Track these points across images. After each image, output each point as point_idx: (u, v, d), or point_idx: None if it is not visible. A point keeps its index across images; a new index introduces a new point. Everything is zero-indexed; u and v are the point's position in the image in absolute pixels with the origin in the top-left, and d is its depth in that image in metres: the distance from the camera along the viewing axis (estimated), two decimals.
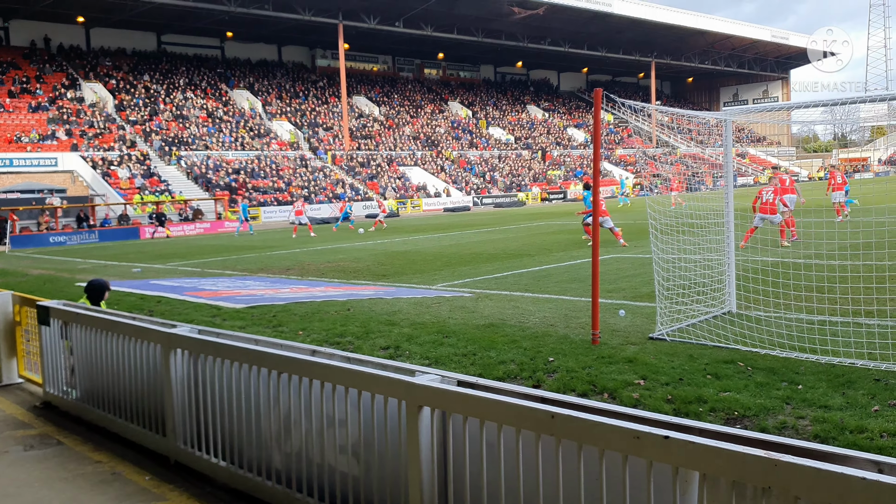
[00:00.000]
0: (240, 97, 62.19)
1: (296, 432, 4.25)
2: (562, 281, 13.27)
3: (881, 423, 5.22)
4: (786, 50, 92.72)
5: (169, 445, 5.27)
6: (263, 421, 4.48)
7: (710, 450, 2.54)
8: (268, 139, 57.46)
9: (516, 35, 70.30)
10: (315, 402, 4.11)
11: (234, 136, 55.73)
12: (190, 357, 5.07)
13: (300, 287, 14.30)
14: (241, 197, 45.91)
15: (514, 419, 3.10)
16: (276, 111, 62.45)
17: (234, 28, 62.21)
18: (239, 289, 14.38)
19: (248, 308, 11.63)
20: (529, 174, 67.69)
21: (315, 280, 15.59)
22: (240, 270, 18.32)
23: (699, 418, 5.56)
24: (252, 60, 69.29)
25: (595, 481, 2.87)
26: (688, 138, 18.28)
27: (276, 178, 52.21)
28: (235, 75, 65.51)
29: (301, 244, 26.45)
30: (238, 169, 51.35)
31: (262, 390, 4.46)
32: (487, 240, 24.26)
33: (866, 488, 2.23)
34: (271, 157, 54.84)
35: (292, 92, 66.90)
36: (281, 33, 65.41)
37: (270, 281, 15.76)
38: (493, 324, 9.47)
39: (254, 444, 4.55)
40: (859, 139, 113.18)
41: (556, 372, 7.05)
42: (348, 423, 3.92)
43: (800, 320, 8.34)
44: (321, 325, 9.94)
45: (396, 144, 64.76)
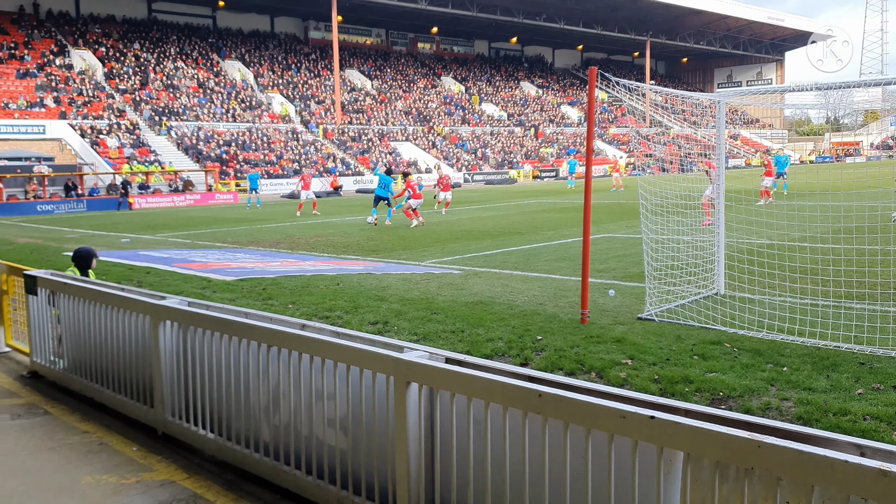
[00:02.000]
0: (231, 68, 61.59)
1: (284, 405, 4.26)
2: (552, 259, 13.30)
3: (864, 405, 5.28)
4: (781, 32, 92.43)
5: (157, 417, 5.28)
6: (252, 393, 4.49)
7: (694, 430, 2.56)
8: (259, 111, 57.01)
9: (511, 10, 69.76)
10: (304, 376, 4.12)
11: (225, 108, 55.26)
12: (179, 329, 5.06)
13: (290, 261, 14.27)
14: (250, 168, 45.61)
15: (501, 397, 3.12)
16: (268, 83, 61.91)
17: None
18: (229, 261, 14.34)
19: (238, 280, 11.60)
20: (521, 151, 67.52)
21: (305, 254, 15.56)
22: (230, 243, 18.26)
23: (685, 398, 5.61)
24: (244, 31, 68.54)
25: (581, 459, 2.89)
26: (681, 119, 18.33)
27: (267, 150, 51.89)
28: (227, 46, 64.81)
29: (292, 218, 26.35)
30: (229, 141, 50.98)
31: (251, 363, 4.47)
32: (478, 217, 24.24)
33: (848, 471, 2.25)
34: (263, 129, 54.45)
35: (285, 64, 66.28)
36: (274, 4, 64.68)
37: (261, 254, 15.73)
38: (482, 301, 9.49)
39: (242, 417, 4.57)
40: (852, 123, 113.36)
41: (544, 350, 7.08)
42: (336, 397, 3.93)
43: (787, 303, 8.39)
44: (310, 299, 9.93)
45: (388, 119, 64.40)
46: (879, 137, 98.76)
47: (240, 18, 67.97)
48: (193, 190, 43.13)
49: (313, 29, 72.86)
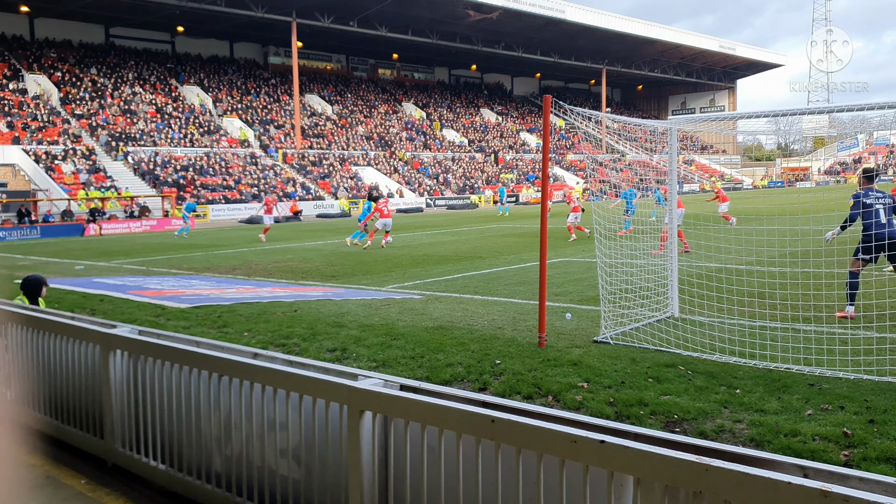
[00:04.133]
0: (190, 93, 61.14)
1: (236, 435, 4.20)
2: (511, 284, 13.37)
3: (813, 426, 5.39)
4: (733, 60, 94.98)
5: (106, 448, 5.16)
6: (204, 423, 4.42)
7: (644, 455, 2.59)
8: (218, 136, 56.59)
9: (471, 38, 70.60)
10: (256, 406, 4.07)
11: (183, 133, 54.74)
12: (129, 358, 4.97)
13: (247, 287, 14.12)
14: (188, 195, 45.11)
15: (455, 424, 3.12)
16: (226, 108, 61.55)
17: (185, 23, 61.11)
18: (184, 288, 14.14)
19: (193, 308, 11.44)
20: (482, 177, 67.99)
21: (262, 280, 15.42)
22: (186, 269, 18.01)
23: (640, 421, 5.66)
24: (203, 56, 68.19)
25: (533, 485, 2.90)
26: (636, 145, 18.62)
27: (225, 175, 51.46)
28: (186, 71, 64.38)
29: (249, 244, 26.11)
30: (186, 166, 50.46)
31: (202, 393, 4.40)
32: (439, 242, 24.29)
33: (791, 492, 2.30)
34: (221, 154, 54.03)
35: (244, 89, 66.03)
36: (233, 29, 64.51)
37: (216, 280, 15.54)
38: (442, 326, 9.50)
39: (193, 447, 4.49)
40: (802, 149, 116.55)
41: (502, 374, 7.10)
42: (289, 427, 3.89)
43: (739, 325, 8.55)
44: (267, 326, 9.83)
45: (349, 144, 64.42)
46: (827, 163, 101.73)
47: (199, 44, 67.64)
48: (150, 216, 42.51)
49: (273, 54, 72.81)
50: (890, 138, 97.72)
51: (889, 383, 6.39)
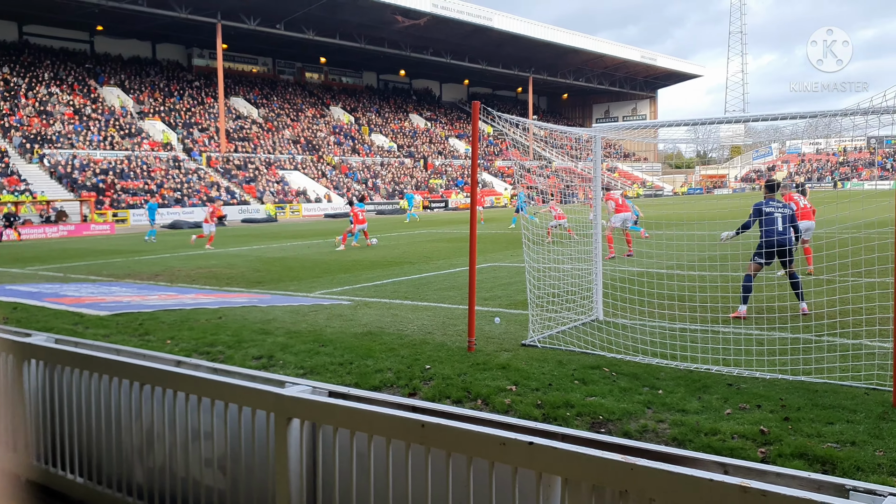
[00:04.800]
0: (110, 94, 59.24)
1: (159, 446, 4.08)
2: (441, 289, 13.41)
3: (732, 425, 5.57)
4: (654, 70, 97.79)
5: (20, 462, 4.93)
6: (125, 435, 4.27)
7: (571, 455, 2.63)
8: (139, 139, 54.96)
9: (399, 44, 70.64)
10: (180, 415, 3.96)
11: (102, 135, 52.98)
12: (45, 368, 4.77)
13: (169, 294, 13.75)
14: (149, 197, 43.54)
15: (384, 429, 3.11)
16: (148, 110, 59.87)
17: (104, 22, 59.20)
18: (104, 295, 13.66)
19: (113, 315, 11.06)
20: (412, 182, 68.03)
21: (185, 287, 15.04)
22: (105, 276, 17.41)
23: (567, 422, 5.76)
24: (124, 57, 66.21)
25: (463, 488, 2.91)
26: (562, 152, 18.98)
27: (147, 179, 50.02)
28: (106, 71, 62.38)
29: (172, 249, 25.43)
30: (106, 169, 48.84)
31: (123, 403, 4.26)
32: (368, 247, 24.16)
33: (712, 489, 2.37)
34: (142, 157, 52.50)
35: (167, 91, 64.35)
36: (156, 30, 62.86)
37: (138, 287, 15.08)
38: (371, 332, 9.44)
39: (114, 460, 4.34)
40: (719, 157, 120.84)
41: (432, 379, 7.11)
42: (214, 436, 3.81)
43: (661, 327, 8.80)
44: (191, 333, 9.59)
45: (276, 148, 63.52)
46: (743, 170, 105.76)
47: (119, 44, 65.65)
48: (67, 220, 40.94)
49: (197, 56, 71.26)
50: (801, 147, 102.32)
51: (802, 382, 6.67)
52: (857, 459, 4.84)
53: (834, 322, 8.50)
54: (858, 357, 7.23)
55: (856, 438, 5.21)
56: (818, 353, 7.45)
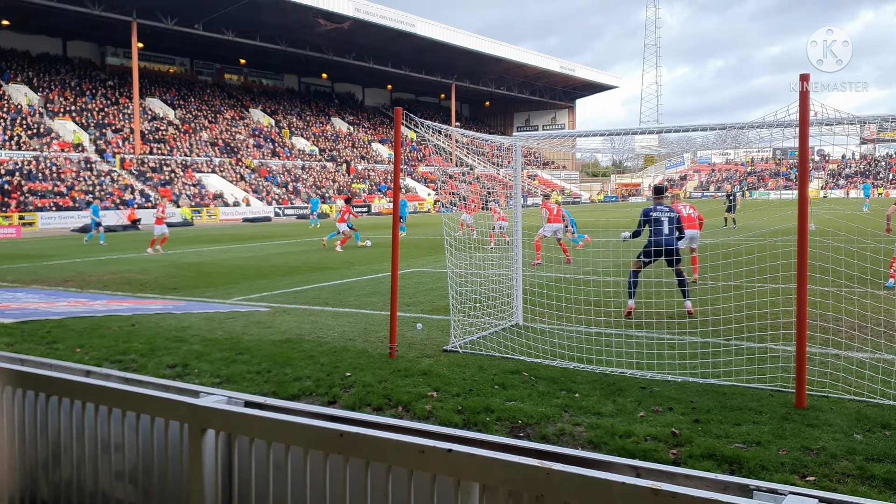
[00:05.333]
0: (16, 92, 56.58)
1: (66, 459, 3.91)
2: (362, 294, 13.33)
3: (646, 427, 5.74)
4: (573, 81, 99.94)
5: None
6: (28, 448, 4.08)
7: (489, 461, 2.65)
8: (48, 139, 52.67)
9: (321, 47, 70.03)
10: (89, 427, 3.81)
11: (8, 135, 50.54)
12: None
13: (79, 300, 13.22)
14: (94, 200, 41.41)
15: (302, 439, 3.06)
16: (58, 109, 57.45)
17: (10, 16, 56.54)
18: (8, 302, 13.03)
19: (18, 323, 10.56)
20: (334, 186, 67.45)
21: (96, 293, 14.49)
22: (10, 282, 16.61)
23: (487, 428, 5.81)
24: (32, 53, 63.39)
25: (382, 497, 2.90)
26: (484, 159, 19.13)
27: (56, 181, 47.98)
28: (12, 68, 59.56)
29: (83, 254, 24.46)
30: (12, 170, 46.62)
31: (28, 415, 4.06)
32: (288, 252, 23.83)
33: (625, 492, 2.43)
34: (52, 158, 50.33)
35: (78, 90, 61.90)
36: (67, 26, 60.41)
37: (45, 293, 14.44)
38: (291, 339, 9.31)
39: (17, 475, 4.14)
40: (634, 166, 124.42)
41: (352, 387, 7.06)
42: (126, 448, 3.68)
43: (578, 332, 8.99)
44: (102, 341, 9.24)
45: (193, 150, 61.93)
46: (657, 179, 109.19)
47: (27, 40, 62.82)
48: None
49: (111, 55, 68.88)
50: (712, 157, 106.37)
51: (712, 385, 6.92)
52: (762, 459, 5.05)
53: (741, 326, 8.86)
54: (764, 360, 7.56)
55: (761, 439, 5.44)
56: (727, 356, 7.75)
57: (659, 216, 10.34)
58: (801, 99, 6.46)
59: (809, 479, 4.73)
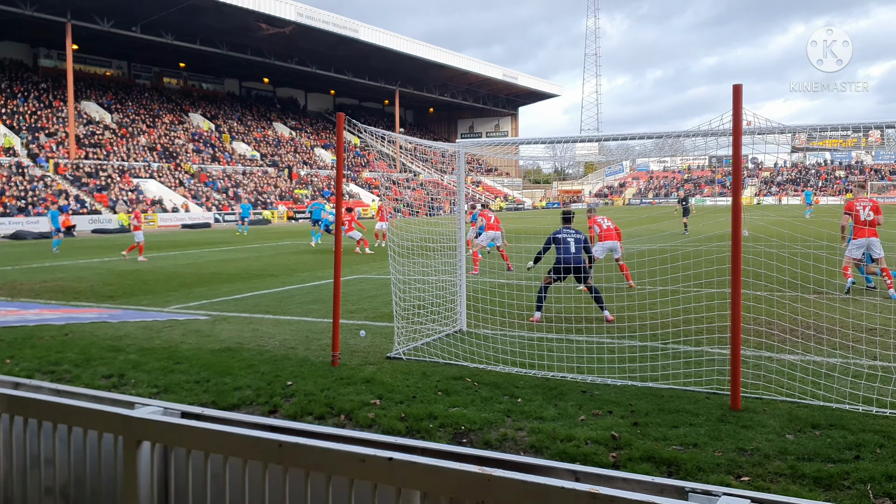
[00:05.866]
0: None
1: None
2: (305, 302, 13.19)
3: (586, 431, 5.81)
4: (515, 89, 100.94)
5: None
6: None
7: (430, 469, 2.65)
8: None
9: (263, 51, 69.22)
10: (18, 441, 3.68)
11: None
12: None
13: (9, 309, 12.76)
14: (52, 205, 39.61)
15: (240, 450, 3.02)
16: None
17: None
18: None
19: None
20: (276, 192, 66.64)
21: (28, 302, 14.00)
22: None
23: (430, 434, 5.81)
24: None
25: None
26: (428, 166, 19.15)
27: None
28: None
29: (14, 261, 23.62)
30: None
31: None
32: (229, 259, 23.44)
33: (564, 496, 2.46)
34: None
35: (9, 92, 59.80)
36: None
37: None
38: (230, 348, 9.16)
39: None
40: (576, 173, 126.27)
41: (293, 396, 6.97)
42: (56, 463, 3.56)
43: (521, 337, 9.06)
44: (33, 352, 8.94)
45: (130, 155, 60.44)
46: (597, 186, 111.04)
47: None
48: None
49: (44, 56, 66.77)
50: (650, 165, 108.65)
51: (650, 388, 7.06)
52: (699, 460, 5.17)
53: (678, 330, 9.06)
54: (700, 363, 7.74)
55: (698, 440, 5.56)
56: (664, 360, 7.91)
57: (566, 237, 10.81)
58: (734, 108, 6.66)
59: (744, 479, 4.86)
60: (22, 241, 36.95)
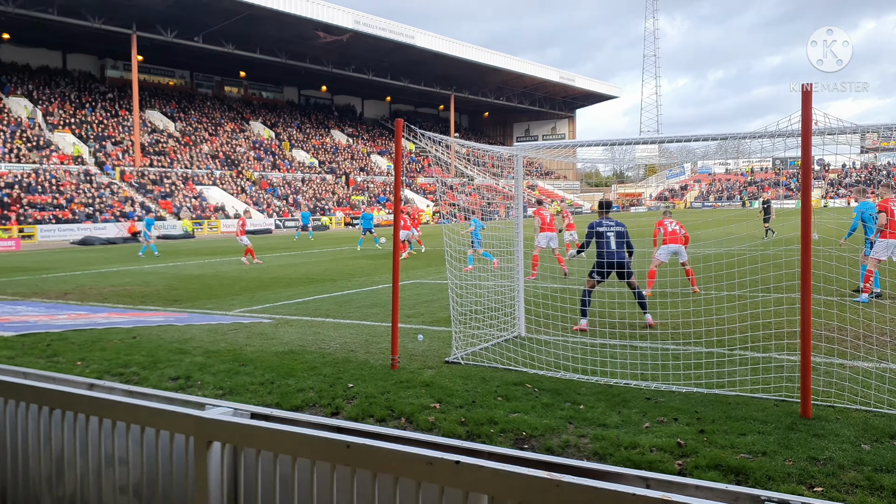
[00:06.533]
0: (16, 105, 56.69)
1: (70, 473, 3.89)
2: (363, 306, 13.31)
3: (651, 438, 5.71)
4: (572, 91, 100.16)
5: None
6: (32, 462, 4.05)
7: (497, 473, 2.63)
8: (48, 151, 52.75)
9: (321, 59, 70.24)
10: (92, 441, 3.79)
11: (8, 147, 50.61)
12: None
13: (79, 313, 13.20)
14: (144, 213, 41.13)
15: (309, 451, 3.04)
16: (58, 122, 57.57)
17: (11, 30, 56.73)
18: (8, 315, 13.01)
19: (19, 336, 10.54)
20: (333, 198, 67.50)
21: (97, 305, 14.47)
22: (10, 295, 16.59)
23: (491, 439, 5.78)
24: (32, 66, 63.56)
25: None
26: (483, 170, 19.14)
27: (56, 194, 48.01)
28: (12, 81, 59.69)
29: (84, 266, 24.44)
30: (12, 183, 46.66)
31: (31, 428, 4.04)
32: (289, 264, 23.82)
33: (636, 503, 2.41)
34: (51, 171, 50.39)
35: (78, 102, 62.04)
36: (67, 39, 60.62)
37: (45, 306, 14.41)
38: (293, 350, 9.29)
39: (20, 488, 4.11)
40: (635, 176, 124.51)
41: (355, 398, 7.03)
42: (130, 462, 3.65)
43: (582, 343, 8.95)
44: (103, 354, 9.22)
45: (193, 162, 62.02)
46: (658, 189, 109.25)
47: (27, 53, 63.02)
48: None
49: (111, 67, 69.07)
50: (712, 168, 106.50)
51: (716, 395, 6.89)
52: (769, 469, 5.02)
53: (745, 336, 8.83)
54: (768, 370, 7.53)
55: (767, 449, 5.41)
56: (731, 366, 7.72)
57: (604, 231, 10.37)
58: (803, 108, 6.47)
59: (817, 489, 4.70)
60: (90, 247, 38.20)
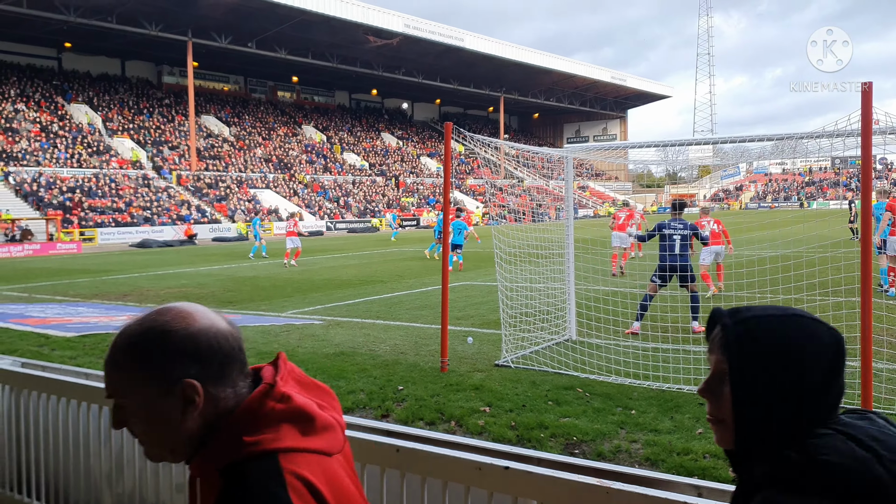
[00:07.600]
0: (78, 112, 58.54)
1: (129, 471, 4.00)
2: (413, 308, 13.38)
3: (704, 444, 5.61)
4: (624, 91, 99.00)
5: None
6: (93, 460, 4.19)
7: (547, 479, 2.63)
8: (107, 156, 54.34)
9: (371, 63, 70.84)
10: None
11: (70, 153, 52.29)
12: (11, 392, 4.66)
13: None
14: (252, 214, 42.18)
15: (358, 454, 3.07)
16: (117, 127, 59.26)
17: (73, 39, 58.59)
18: (70, 316, 13.43)
19: (80, 337, 10.88)
20: (383, 200, 68.00)
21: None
22: (72, 296, 17.13)
23: (541, 444, 5.75)
24: (93, 74, 65.55)
25: None
26: (533, 171, 19.10)
27: (115, 197, 49.41)
28: (73, 88, 61.65)
29: (141, 269, 25.09)
30: (73, 187, 48.19)
31: (92, 427, 4.17)
32: (340, 266, 24.07)
33: None
34: (111, 175, 51.89)
35: (136, 108, 63.77)
36: (125, 47, 62.36)
37: (105, 308, 14.84)
38: (344, 352, 9.39)
39: (81, 486, 4.24)
40: (689, 177, 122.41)
41: (405, 401, 7.07)
42: None
43: (634, 347, 8.85)
44: None
45: (247, 166, 63.16)
46: (712, 190, 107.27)
47: (88, 61, 65.01)
48: (32, 239, 40.24)
49: (167, 74, 70.80)
50: (768, 168, 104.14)
51: None
52: None
53: None
54: None
55: None
56: None
57: (672, 233, 10.22)
58: (863, 107, 6.29)
59: None
60: (148, 250, 39.19)
